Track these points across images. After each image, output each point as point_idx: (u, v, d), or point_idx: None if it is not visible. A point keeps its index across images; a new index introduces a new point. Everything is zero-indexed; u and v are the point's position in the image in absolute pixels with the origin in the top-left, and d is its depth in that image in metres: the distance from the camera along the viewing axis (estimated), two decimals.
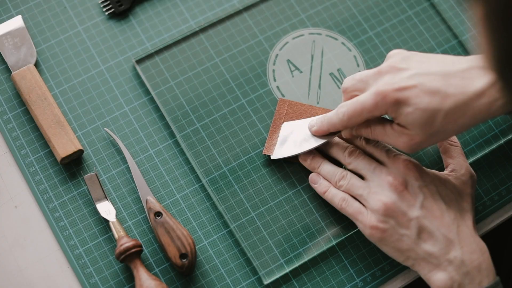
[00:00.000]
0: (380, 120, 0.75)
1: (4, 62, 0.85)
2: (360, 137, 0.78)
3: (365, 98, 0.73)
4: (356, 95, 0.75)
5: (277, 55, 0.87)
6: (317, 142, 0.79)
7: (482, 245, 0.74)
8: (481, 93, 0.69)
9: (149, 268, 0.77)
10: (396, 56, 0.74)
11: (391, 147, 0.78)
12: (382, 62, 0.87)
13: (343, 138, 0.80)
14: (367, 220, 0.74)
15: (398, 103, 0.71)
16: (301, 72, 0.86)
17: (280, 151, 0.81)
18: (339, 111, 0.75)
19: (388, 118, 0.76)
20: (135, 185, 0.80)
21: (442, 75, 0.71)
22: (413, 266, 0.74)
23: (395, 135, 0.73)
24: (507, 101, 0.55)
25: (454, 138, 0.80)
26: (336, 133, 0.78)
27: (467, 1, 0.52)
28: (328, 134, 0.79)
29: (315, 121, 0.79)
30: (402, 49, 0.76)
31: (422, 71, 0.72)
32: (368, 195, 0.75)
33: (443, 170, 0.79)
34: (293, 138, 0.81)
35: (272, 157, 0.81)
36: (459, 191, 0.76)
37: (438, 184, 0.75)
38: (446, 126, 0.71)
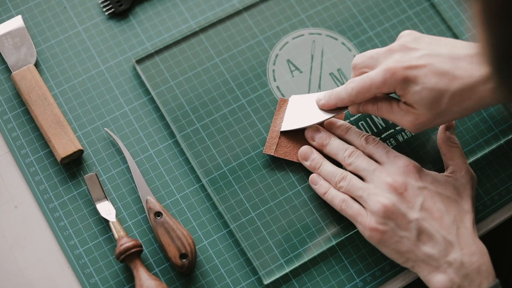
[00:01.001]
0: (387, 98, 0.77)
1: (4, 62, 0.85)
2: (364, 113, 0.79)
3: (374, 74, 0.74)
4: (366, 72, 0.76)
5: (277, 55, 0.87)
6: (323, 117, 0.80)
7: (482, 247, 0.73)
8: (488, 78, 0.70)
9: (149, 268, 0.77)
10: (407, 36, 0.76)
11: (391, 148, 0.78)
12: None
13: (348, 117, 0.80)
14: (366, 221, 0.74)
15: (407, 81, 0.73)
16: (301, 72, 0.86)
17: (287, 124, 0.82)
18: (348, 86, 0.77)
19: (395, 97, 0.77)
20: (135, 185, 0.80)
21: (451, 58, 0.72)
22: (413, 268, 0.74)
23: (401, 113, 0.75)
24: (502, 96, 0.56)
25: (455, 140, 0.80)
26: (343, 108, 0.79)
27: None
28: (335, 109, 0.80)
29: (323, 95, 0.80)
30: (413, 30, 0.77)
31: (432, 52, 0.73)
32: (367, 196, 0.75)
33: (443, 170, 0.80)
34: (300, 112, 0.81)
35: (281, 129, 0.82)
36: (459, 192, 0.76)
37: (438, 186, 0.75)
38: (451, 107, 0.72)
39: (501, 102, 0.73)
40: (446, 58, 0.72)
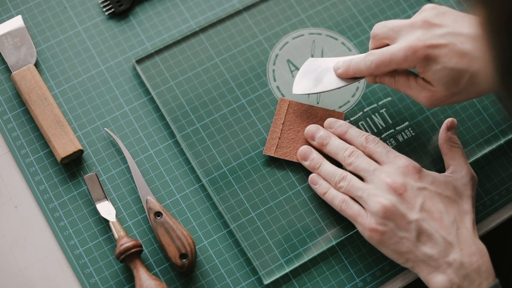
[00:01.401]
0: (405, 72, 0.77)
1: (4, 62, 0.85)
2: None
3: (395, 50, 0.74)
4: (385, 44, 0.77)
5: (277, 55, 0.87)
6: (339, 84, 0.80)
7: (482, 247, 0.73)
8: None
9: (149, 268, 0.77)
10: (430, 11, 0.75)
11: (391, 148, 0.78)
12: None
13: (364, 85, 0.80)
14: (366, 222, 0.74)
15: (428, 59, 0.73)
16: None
17: (303, 87, 0.81)
18: (367, 59, 0.77)
19: (413, 72, 0.77)
20: (135, 185, 0.80)
21: (472, 38, 0.72)
22: (413, 268, 0.74)
23: (418, 88, 0.75)
24: (506, 106, 0.55)
25: (456, 140, 0.80)
26: (360, 78, 0.80)
27: (469, 4, 0.51)
28: (352, 78, 0.80)
29: (341, 63, 0.80)
30: (436, 4, 0.77)
31: (454, 30, 0.73)
32: (367, 197, 0.75)
33: (443, 171, 0.79)
34: (316, 76, 0.81)
35: (294, 92, 0.81)
36: (459, 192, 0.76)
37: (438, 186, 0.75)
38: (469, 87, 0.73)
39: None
40: (467, 38, 0.72)
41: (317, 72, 0.82)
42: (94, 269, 0.77)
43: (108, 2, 0.88)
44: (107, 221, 0.78)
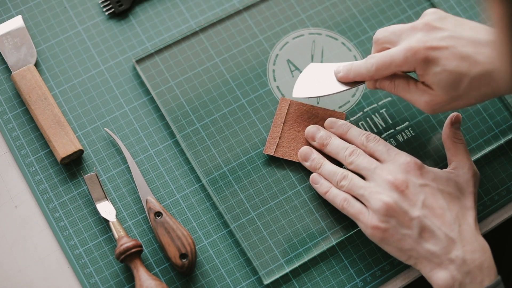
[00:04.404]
0: (405, 77, 0.77)
1: (4, 62, 0.85)
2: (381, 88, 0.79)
3: (395, 52, 0.74)
4: (386, 48, 0.76)
5: (277, 55, 0.87)
6: (340, 88, 0.80)
7: (484, 244, 0.74)
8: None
9: (149, 268, 0.77)
10: (432, 15, 0.76)
11: (392, 146, 0.78)
12: None
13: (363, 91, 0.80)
14: (368, 220, 0.74)
15: (428, 61, 0.73)
16: (301, 72, 0.86)
17: (302, 90, 0.81)
18: (368, 62, 0.77)
19: (413, 77, 0.77)
20: (135, 185, 0.80)
21: (474, 42, 0.72)
22: (415, 265, 0.74)
23: (418, 93, 0.75)
24: None
25: (460, 135, 0.80)
26: (360, 83, 0.79)
27: (486, 1, 0.51)
28: (352, 82, 0.80)
29: (342, 67, 0.80)
30: (438, 9, 0.77)
31: (455, 34, 0.73)
32: (369, 195, 0.75)
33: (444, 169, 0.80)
34: (316, 80, 0.81)
35: (294, 95, 0.81)
36: (461, 189, 0.76)
37: (440, 183, 0.75)
38: (469, 92, 0.72)
39: None
40: (468, 41, 0.72)
41: (318, 76, 0.82)
42: (94, 269, 0.77)
43: (108, 2, 0.88)
44: (107, 221, 0.78)
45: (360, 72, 0.78)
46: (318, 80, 0.81)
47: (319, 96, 0.81)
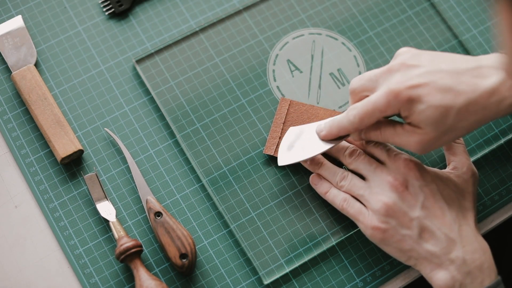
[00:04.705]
0: (390, 122, 0.74)
1: (4, 62, 0.85)
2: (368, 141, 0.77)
3: (376, 98, 0.72)
4: (365, 96, 0.74)
5: (277, 55, 0.87)
6: (325, 147, 0.77)
7: (484, 244, 0.74)
8: (492, 91, 0.69)
9: (149, 268, 0.77)
10: (405, 54, 0.74)
11: (392, 146, 0.78)
12: (382, 62, 0.87)
13: (350, 142, 0.79)
14: (368, 220, 0.74)
15: (411, 101, 0.70)
16: (301, 72, 0.86)
17: (287, 157, 0.78)
18: (350, 114, 0.74)
19: (397, 119, 0.76)
20: (135, 185, 0.80)
21: (452, 73, 0.71)
22: (415, 266, 0.74)
23: (406, 135, 0.73)
24: None
25: None
26: (345, 136, 0.77)
27: (493, 3, 0.50)
28: (336, 138, 0.77)
29: (323, 125, 0.77)
30: (410, 47, 0.75)
31: (432, 68, 0.71)
32: (369, 195, 0.75)
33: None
34: (300, 143, 0.78)
35: (279, 164, 0.78)
36: (461, 189, 0.76)
37: (439, 183, 0.75)
38: (458, 123, 0.71)
39: (507, 114, 0.71)
40: (448, 73, 0.71)
41: (300, 140, 0.79)
42: (94, 269, 0.77)
43: (108, 2, 0.88)
44: (107, 221, 0.78)
45: (344, 126, 0.75)
46: (301, 143, 0.78)
47: (305, 160, 0.78)
